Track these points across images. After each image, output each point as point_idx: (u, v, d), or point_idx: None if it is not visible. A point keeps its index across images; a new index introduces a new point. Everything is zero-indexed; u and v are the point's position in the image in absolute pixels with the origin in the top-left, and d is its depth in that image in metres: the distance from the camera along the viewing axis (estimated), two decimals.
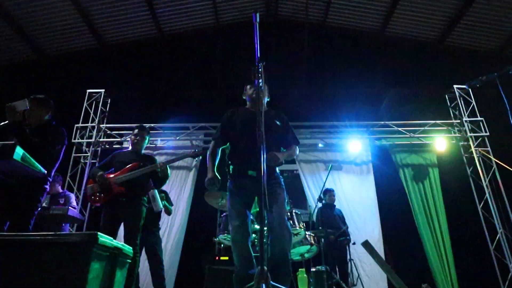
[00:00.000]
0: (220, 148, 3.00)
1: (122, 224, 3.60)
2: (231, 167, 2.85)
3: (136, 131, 3.97)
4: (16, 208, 2.92)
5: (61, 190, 5.14)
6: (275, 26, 9.01)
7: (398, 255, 6.62)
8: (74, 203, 5.02)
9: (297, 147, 3.04)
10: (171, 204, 5.09)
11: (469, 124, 7.14)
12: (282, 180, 2.86)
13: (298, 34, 8.52)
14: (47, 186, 3.16)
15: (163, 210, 4.82)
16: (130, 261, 1.96)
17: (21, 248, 1.60)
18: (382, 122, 7.36)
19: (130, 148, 3.98)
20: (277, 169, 2.89)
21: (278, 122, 2.93)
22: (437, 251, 6.48)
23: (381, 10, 8.24)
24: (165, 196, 4.94)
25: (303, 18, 8.12)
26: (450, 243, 6.53)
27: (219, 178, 2.82)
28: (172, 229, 6.49)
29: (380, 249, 6.26)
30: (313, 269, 3.45)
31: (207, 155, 2.96)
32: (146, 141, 4.01)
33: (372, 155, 7.41)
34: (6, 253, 1.59)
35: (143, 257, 4.70)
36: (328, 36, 8.93)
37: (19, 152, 2.24)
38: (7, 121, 2.89)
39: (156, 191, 4.52)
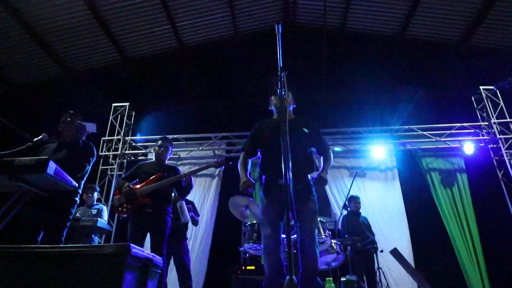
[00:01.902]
0: (251, 160, 3.04)
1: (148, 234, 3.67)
2: (263, 177, 2.87)
3: (159, 142, 4.06)
4: (49, 220, 3.04)
5: (95, 202, 5.31)
6: (294, 33, 9.05)
7: (429, 263, 6.42)
8: (105, 216, 5.15)
9: (331, 151, 3.04)
10: (198, 215, 5.14)
11: (498, 126, 6.91)
12: (314, 188, 2.84)
13: (317, 41, 8.52)
14: (78, 198, 3.28)
15: (192, 223, 4.87)
16: (160, 271, 1.99)
17: (56, 260, 1.65)
18: (406, 127, 7.22)
19: (154, 159, 4.07)
20: (309, 176, 2.87)
21: (305, 130, 2.93)
22: (469, 257, 6.27)
23: (401, 13, 8.13)
24: (192, 207, 4.99)
25: (322, 25, 8.11)
26: (481, 249, 6.31)
27: (253, 182, 2.85)
28: (197, 238, 6.54)
29: (409, 257, 6.09)
30: (343, 279, 3.39)
31: (238, 164, 3.01)
32: (169, 152, 4.10)
33: (397, 160, 7.26)
34: (42, 265, 1.65)
35: (171, 267, 4.75)
36: (347, 42, 8.89)
37: (52, 166, 2.33)
38: (40, 137, 3.03)
39: (183, 202, 4.57)
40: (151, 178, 3.71)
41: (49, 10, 7.00)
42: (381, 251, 5.42)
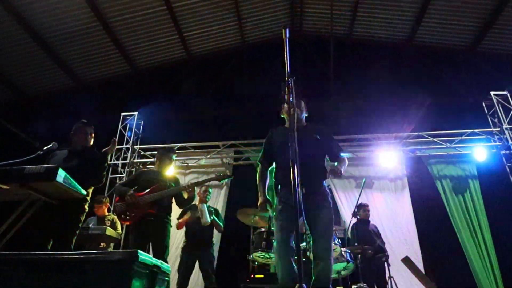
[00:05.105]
0: (268, 170, 3.04)
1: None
2: (278, 186, 2.87)
3: (161, 152, 4.12)
4: (58, 227, 3.05)
5: (107, 213, 5.31)
6: (301, 41, 9.08)
7: (441, 273, 6.28)
8: (119, 228, 5.16)
9: (344, 155, 2.98)
10: (221, 220, 5.09)
11: (510, 132, 6.79)
12: (329, 196, 2.81)
13: (324, 48, 8.53)
14: (87, 207, 3.30)
15: (215, 228, 4.82)
16: (168, 279, 1.97)
17: (64, 267, 1.64)
18: (416, 133, 7.14)
19: (155, 168, 4.08)
20: (324, 183, 2.85)
21: (317, 136, 2.91)
22: (484, 266, 6.12)
23: (409, 19, 8.11)
24: (215, 212, 4.97)
25: (328, 32, 8.13)
26: (496, 258, 6.15)
27: (271, 200, 2.86)
28: None
29: (419, 268, 5.95)
30: (354, 287, 3.34)
31: (257, 179, 3.00)
32: (171, 162, 4.13)
33: (407, 168, 7.16)
34: (50, 272, 1.64)
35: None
36: (354, 49, 8.88)
37: (61, 174, 2.34)
38: (50, 145, 3.06)
39: (205, 205, 4.59)
40: (153, 187, 3.71)
41: (60, 21, 7.14)
42: (389, 265, 5.29)
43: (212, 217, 4.68)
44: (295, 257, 2.61)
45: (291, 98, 2.12)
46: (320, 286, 2.44)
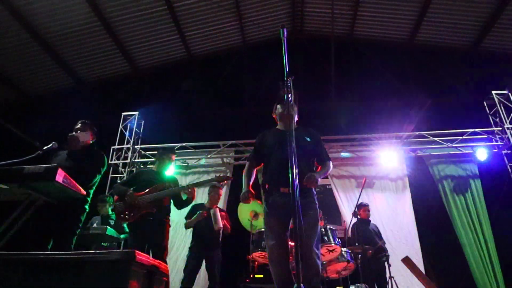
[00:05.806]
0: (255, 169, 3.06)
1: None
2: (266, 186, 2.87)
3: (160, 151, 4.12)
4: (58, 227, 3.05)
5: (111, 212, 5.30)
6: (302, 41, 9.07)
7: (441, 276, 6.26)
8: (125, 227, 5.15)
9: (330, 162, 2.98)
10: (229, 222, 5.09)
11: (511, 131, 6.76)
12: (316, 198, 2.82)
13: (325, 48, 8.52)
14: (87, 207, 3.30)
15: (224, 229, 4.81)
16: (166, 279, 1.97)
17: (62, 267, 1.65)
18: (417, 133, 7.12)
19: (155, 168, 4.08)
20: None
21: (308, 138, 2.93)
22: (484, 268, 6.08)
23: (410, 18, 8.09)
24: (226, 215, 4.97)
25: (330, 32, 8.12)
26: (498, 259, 6.12)
27: (253, 192, 2.85)
28: None
29: (419, 268, 5.93)
30: (352, 287, 3.33)
31: (243, 174, 3.02)
32: (171, 162, 4.13)
33: (408, 167, 7.14)
34: (48, 272, 1.65)
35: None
36: (355, 48, 8.87)
37: (60, 174, 2.34)
38: (50, 145, 3.06)
39: (217, 209, 4.59)
40: (152, 187, 3.71)
41: (60, 21, 7.15)
42: (389, 265, 5.28)
43: (223, 222, 4.68)
44: (288, 260, 2.62)
45: (289, 98, 2.11)
46: (310, 285, 2.43)
